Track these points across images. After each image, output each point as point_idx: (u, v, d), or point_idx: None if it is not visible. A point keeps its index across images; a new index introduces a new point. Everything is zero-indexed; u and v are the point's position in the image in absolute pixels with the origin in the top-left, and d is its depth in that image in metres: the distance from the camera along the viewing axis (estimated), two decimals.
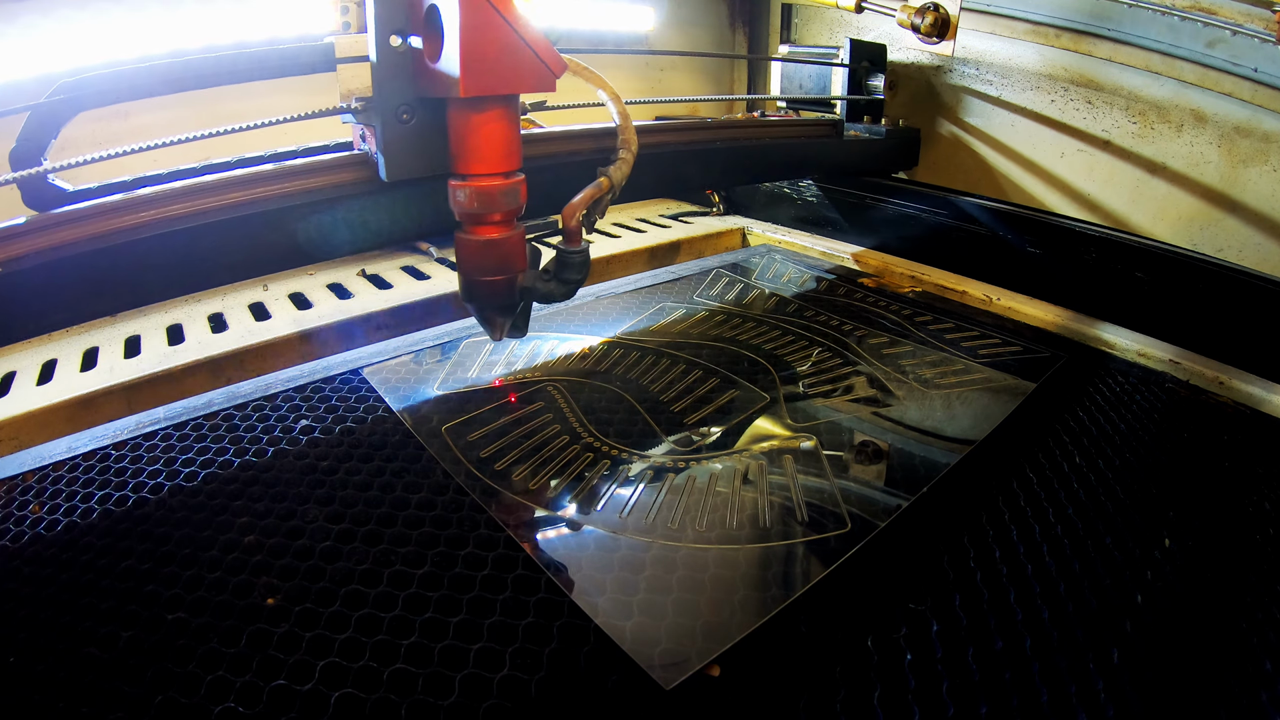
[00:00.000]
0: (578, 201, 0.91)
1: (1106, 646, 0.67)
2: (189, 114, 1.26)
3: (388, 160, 0.88)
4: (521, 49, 0.78)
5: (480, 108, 0.82)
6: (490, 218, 0.87)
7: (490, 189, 0.85)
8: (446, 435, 0.96)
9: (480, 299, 0.93)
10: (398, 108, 0.86)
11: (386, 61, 0.84)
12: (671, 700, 0.60)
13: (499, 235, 0.89)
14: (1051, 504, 0.87)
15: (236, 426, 0.97)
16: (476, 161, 0.84)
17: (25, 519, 0.80)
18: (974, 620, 0.70)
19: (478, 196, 0.85)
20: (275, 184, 0.87)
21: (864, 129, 1.90)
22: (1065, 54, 1.81)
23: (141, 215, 0.79)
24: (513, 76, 0.79)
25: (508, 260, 0.91)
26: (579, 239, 0.93)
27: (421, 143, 0.89)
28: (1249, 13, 1.47)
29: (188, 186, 0.83)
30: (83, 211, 0.77)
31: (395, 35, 0.82)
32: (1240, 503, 0.89)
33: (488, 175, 0.85)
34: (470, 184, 0.85)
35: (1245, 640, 0.68)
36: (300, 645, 0.64)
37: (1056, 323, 1.40)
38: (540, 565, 0.74)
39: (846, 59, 1.91)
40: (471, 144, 0.83)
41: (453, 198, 0.87)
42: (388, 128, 0.86)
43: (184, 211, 0.82)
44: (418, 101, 0.87)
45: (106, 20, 1.37)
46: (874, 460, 0.95)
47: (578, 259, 0.93)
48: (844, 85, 1.94)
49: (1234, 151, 1.61)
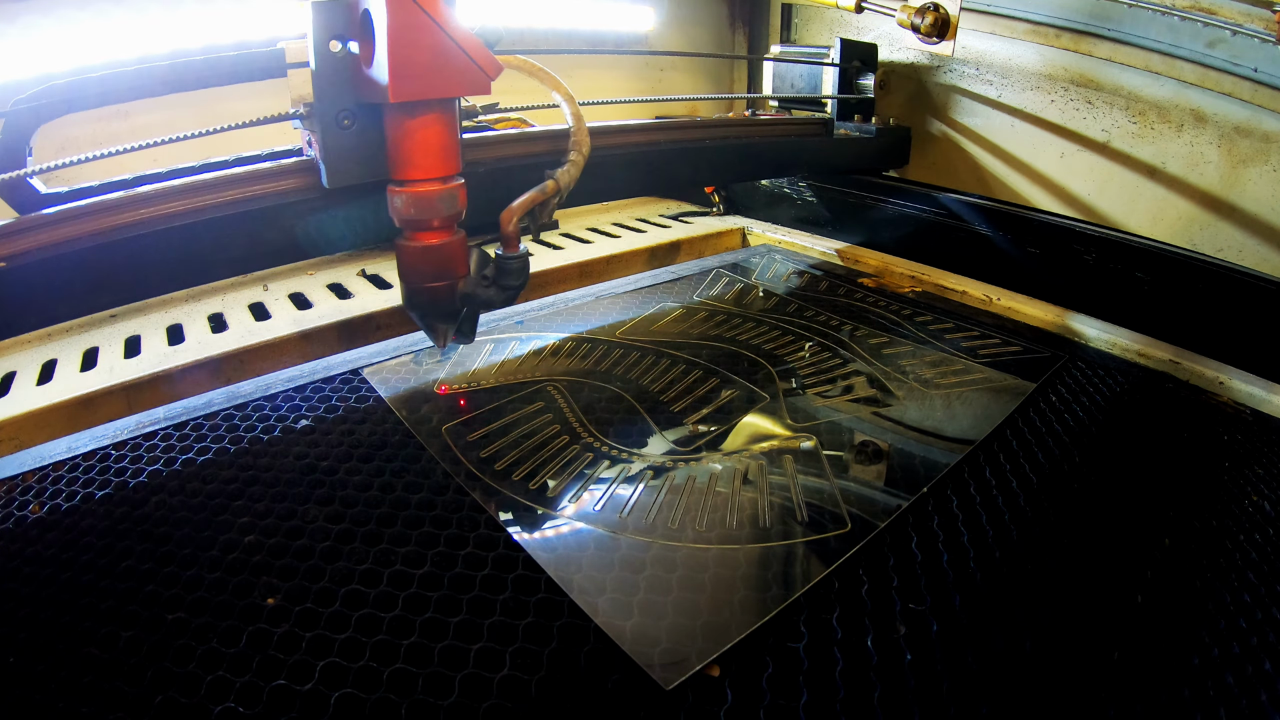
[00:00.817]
0: (517, 205, 0.90)
1: (1107, 647, 0.67)
2: (190, 114, 1.26)
3: (329, 167, 0.86)
4: (453, 51, 0.76)
5: (414, 112, 0.81)
6: (429, 223, 0.86)
7: (428, 194, 0.84)
8: (446, 435, 0.96)
9: (422, 306, 0.92)
10: (338, 113, 0.84)
11: (326, 67, 0.82)
12: (671, 700, 0.60)
13: (438, 241, 0.88)
14: (1051, 504, 0.87)
15: (236, 426, 0.97)
16: (413, 167, 0.83)
17: (25, 519, 0.80)
18: (974, 620, 0.70)
19: (415, 202, 0.84)
20: (220, 192, 0.87)
21: (854, 128, 1.91)
22: (1065, 54, 1.81)
23: (129, 215, 0.80)
24: (444, 80, 0.77)
25: (447, 266, 0.89)
26: (516, 244, 0.92)
27: (362, 149, 0.87)
28: (1249, 13, 1.47)
29: (168, 189, 0.84)
30: (76, 210, 0.77)
31: (335, 40, 0.81)
32: (1240, 503, 0.89)
33: (425, 181, 0.84)
34: (407, 190, 0.84)
35: (1245, 640, 0.68)
36: (300, 645, 0.64)
37: (1056, 323, 1.40)
38: (540, 565, 0.74)
39: (837, 58, 1.91)
40: (407, 149, 0.82)
41: (391, 204, 0.86)
42: (328, 134, 0.85)
43: (171, 210, 0.83)
44: (358, 107, 0.85)
45: (107, 21, 1.37)
46: (874, 460, 0.95)
47: (515, 264, 0.92)
48: (835, 84, 1.95)
49: (1234, 151, 1.61)
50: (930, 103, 2.10)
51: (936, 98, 2.08)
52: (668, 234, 1.93)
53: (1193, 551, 0.80)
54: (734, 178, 1.92)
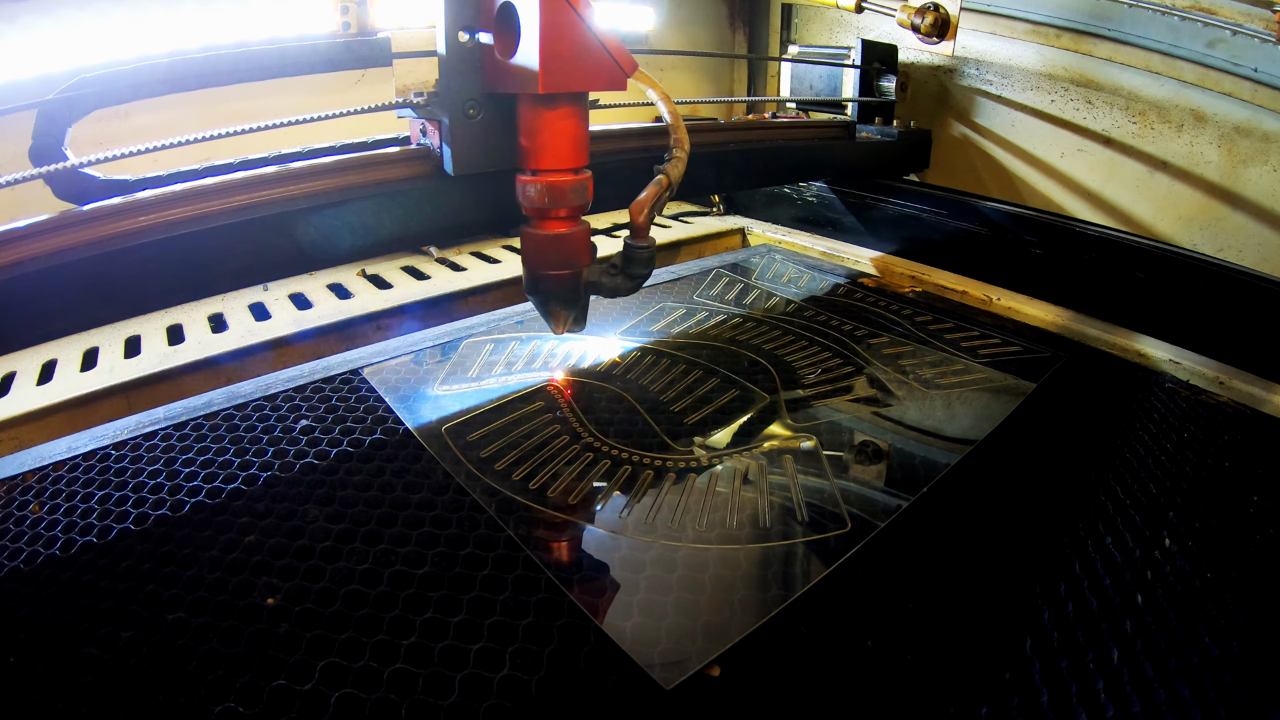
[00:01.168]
0: (644, 199, 0.92)
1: (1106, 646, 0.67)
2: (190, 113, 1.26)
3: (455, 155, 0.89)
4: (596, 47, 0.79)
5: (553, 104, 0.84)
6: (558, 212, 0.89)
7: (560, 184, 0.87)
8: (446, 435, 0.96)
9: (545, 292, 0.94)
10: (465, 103, 0.87)
11: (455, 57, 0.85)
12: (671, 700, 0.60)
13: (566, 230, 0.91)
14: (1051, 503, 0.87)
15: (236, 426, 0.97)
16: (547, 157, 0.86)
17: (25, 519, 0.80)
18: (974, 620, 0.70)
19: (548, 191, 0.87)
20: (333, 178, 0.88)
21: (876, 131, 1.87)
22: (1065, 54, 1.81)
23: (177, 211, 0.78)
24: (587, 74, 0.81)
25: (574, 255, 0.92)
26: (646, 234, 0.94)
27: (487, 138, 0.90)
28: (1249, 13, 1.47)
29: (232, 181, 0.82)
30: (100, 211, 0.76)
31: (463, 31, 0.84)
32: (1240, 503, 0.89)
33: (558, 171, 0.87)
34: (541, 179, 0.87)
35: (1245, 639, 0.68)
36: (300, 645, 0.64)
37: (1056, 323, 1.40)
38: (540, 565, 0.74)
39: (858, 60, 1.87)
40: (543, 140, 0.85)
41: (522, 192, 0.88)
42: (455, 123, 0.87)
43: (231, 206, 0.81)
44: (484, 97, 0.88)
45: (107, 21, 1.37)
46: (874, 460, 0.95)
47: (645, 254, 0.95)
48: (855, 86, 1.90)
49: (1234, 151, 1.61)
50: (949, 105, 2.07)
51: (954, 99, 2.06)
52: (668, 234, 1.93)
53: (1193, 551, 0.80)
54: (758, 182, 1.87)
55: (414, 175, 0.93)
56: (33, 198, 0.83)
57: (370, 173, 0.90)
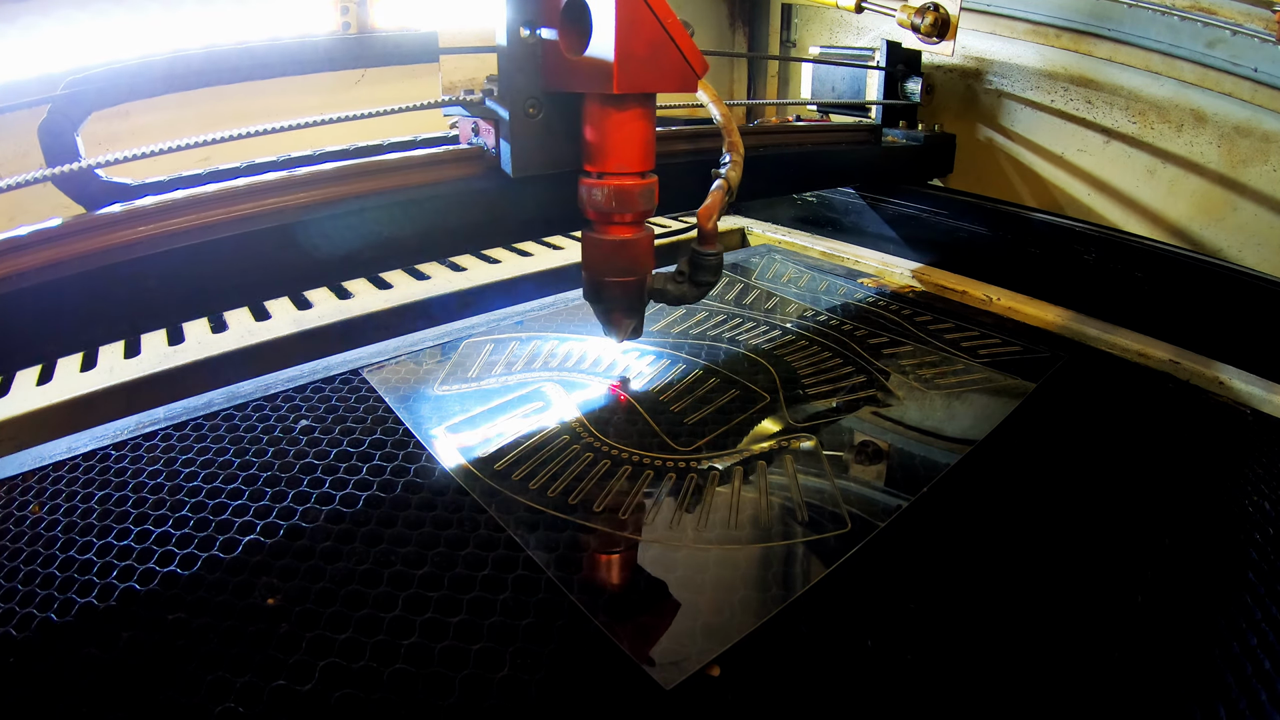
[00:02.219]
0: (711, 204, 0.90)
1: (1106, 646, 0.67)
2: (190, 114, 1.26)
3: (515, 154, 0.86)
4: (669, 47, 0.77)
5: (623, 105, 0.81)
6: (623, 217, 0.87)
7: (629, 188, 0.85)
8: (446, 435, 0.96)
9: (609, 300, 0.93)
10: (525, 101, 0.84)
11: (516, 53, 0.82)
12: (671, 700, 0.60)
13: (632, 235, 0.89)
14: (1051, 504, 0.87)
15: (236, 426, 0.97)
16: (615, 159, 0.84)
17: (25, 519, 0.80)
18: (974, 620, 0.70)
19: (615, 195, 0.85)
20: (381, 179, 0.85)
21: (901, 134, 1.82)
22: (1065, 54, 1.81)
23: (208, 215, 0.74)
24: (660, 74, 0.78)
25: (639, 261, 0.91)
26: (715, 241, 0.92)
27: (548, 138, 0.87)
28: (1249, 13, 1.47)
29: (264, 183, 0.77)
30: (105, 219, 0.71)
31: (525, 27, 0.81)
32: (1240, 503, 0.89)
33: (626, 174, 0.85)
34: (607, 182, 0.85)
35: (1245, 639, 0.68)
36: (300, 645, 0.64)
37: (1056, 323, 1.40)
38: (540, 565, 0.74)
39: (883, 61, 1.81)
40: (612, 141, 0.83)
41: (587, 196, 0.86)
42: (515, 121, 0.84)
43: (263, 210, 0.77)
44: (545, 95, 0.85)
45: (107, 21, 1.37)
46: (874, 460, 0.95)
47: (713, 261, 0.93)
48: (879, 89, 1.83)
49: (1234, 151, 1.61)
50: (974, 107, 2.02)
51: (981, 101, 2.01)
52: (668, 234, 1.93)
53: (1193, 551, 0.80)
54: (788, 189, 1.77)
55: (467, 176, 0.90)
56: (31, 196, 0.81)
57: (420, 174, 0.87)
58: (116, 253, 0.69)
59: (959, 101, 2.05)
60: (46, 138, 0.71)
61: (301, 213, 0.78)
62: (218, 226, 0.73)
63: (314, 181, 0.80)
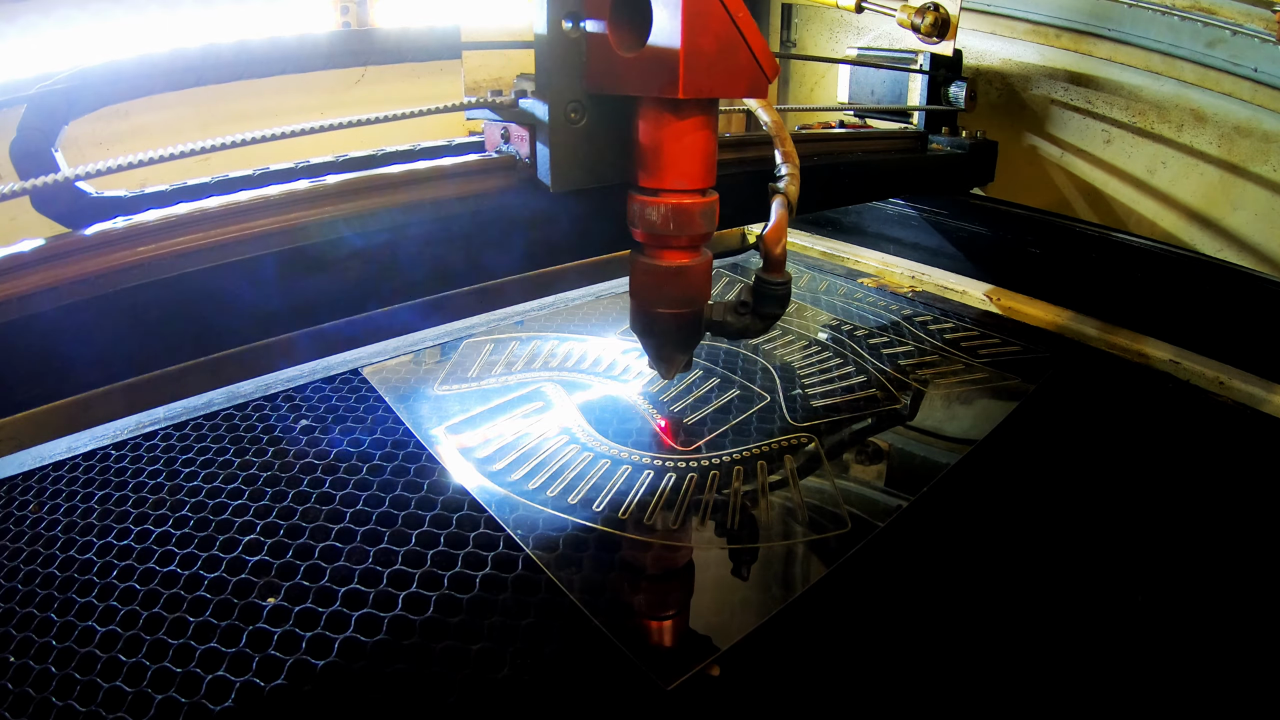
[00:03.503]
0: (778, 226, 0.79)
1: (1107, 646, 0.67)
2: (190, 113, 1.26)
3: (556, 166, 0.73)
4: (740, 45, 0.66)
5: (685, 112, 0.70)
6: (680, 240, 0.75)
7: (688, 207, 0.73)
8: (446, 435, 0.96)
9: (661, 334, 0.80)
10: (567, 104, 0.71)
11: (557, 50, 0.69)
12: (671, 700, 0.60)
13: (690, 261, 0.76)
14: (1051, 503, 0.87)
15: (236, 426, 0.97)
16: (674, 174, 0.72)
17: (25, 519, 0.80)
18: (975, 620, 0.70)
19: (674, 216, 0.73)
20: (405, 191, 0.73)
21: (946, 141, 1.71)
22: (1065, 54, 1.81)
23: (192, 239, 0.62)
24: (730, 77, 0.66)
25: (698, 290, 0.79)
26: (783, 268, 0.81)
27: (590, 148, 0.74)
28: (1249, 13, 1.47)
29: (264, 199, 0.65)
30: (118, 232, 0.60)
31: (568, 20, 0.69)
32: (1240, 503, 0.89)
33: (685, 191, 0.73)
34: (665, 200, 0.73)
35: (1245, 639, 0.68)
36: (300, 645, 0.64)
37: (1056, 323, 1.40)
38: (540, 565, 0.74)
39: (926, 64, 1.70)
40: (671, 153, 0.71)
41: (639, 215, 0.74)
42: (556, 128, 0.72)
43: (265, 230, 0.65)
44: (588, 98, 0.72)
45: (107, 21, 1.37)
46: (874, 460, 0.95)
47: (781, 290, 0.81)
48: (922, 93, 1.73)
49: (1234, 151, 1.61)
50: (1018, 112, 1.93)
51: (1026, 106, 1.92)
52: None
53: (1193, 551, 0.80)
54: (836, 202, 1.58)
55: (499, 189, 0.77)
56: None
57: (446, 186, 0.75)
58: (107, 279, 0.58)
59: (995, 106, 1.97)
60: (21, 144, 0.61)
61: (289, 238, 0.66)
62: (163, 264, 0.61)
63: (316, 198, 0.69)
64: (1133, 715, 0.61)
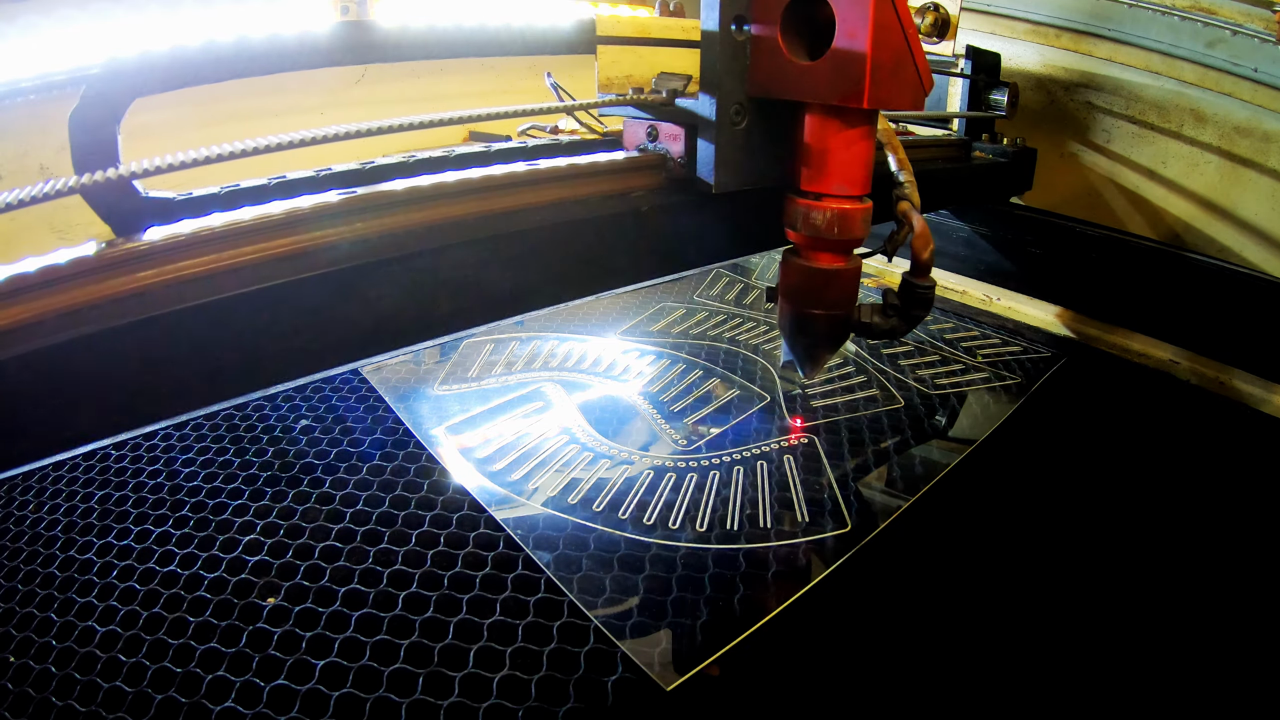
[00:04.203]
0: (922, 231, 0.83)
1: (1107, 646, 0.67)
2: (190, 112, 1.26)
3: (720, 166, 0.75)
4: (909, 60, 0.69)
5: (855, 120, 0.72)
6: (838, 245, 0.79)
7: (851, 213, 0.76)
8: (446, 435, 0.96)
9: (812, 334, 0.84)
10: (730, 107, 0.74)
11: (724, 52, 0.71)
12: (671, 700, 0.60)
13: (845, 264, 0.80)
14: (1051, 503, 0.87)
15: (236, 426, 0.97)
16: (838, 180, 0.75)
17: (25, 519, 0.80)
18: (975, 619, 0.70)
19: (837, 220, 0.76)
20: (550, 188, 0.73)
21: (989, 149, 1.64)
22: (1065, 54, 1.81)
23: None
24: (900, 89, 0.70)
25: (850, 293, 0.82)
26: (929, 272, 0.85)
27: (750, 149, 0.76)
28: (1249, 13, 1.47)
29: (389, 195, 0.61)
30: None
31: (735, 23, 0.72)
32: (1240, 502, 0.89)
33: (848, 197, 0.76)
34: (828, 205, 0.76)
35: (1245, 638, 0.68)
36: (300, 645, 0.64)
37: (1056, 323, 1.40)
38: (540, 565, 0.74)
39: (968, 68, 1.64)
40: (838, 160, 0.74)
41: (801, 218, 0.77)
42: (721, 128, 0.74)
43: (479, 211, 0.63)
44: (750, 102, 0.75)
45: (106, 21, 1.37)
46: (874, 460, 0.95)
47: (927, 294, 0.85)
48: (963, 99, 1.66)
49: (1234, 151, 1.61)
50: (1058, 119, 1.84)
51: (1066, 113, 1.84)
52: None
53: (1193, 551, 0.80)
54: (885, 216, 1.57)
55: (650, 188, 0.78)
56: None
57: (597, 183, 0.75)
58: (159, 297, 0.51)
59: (1031, 113, 1.92)
60: (80, 133, 0.54)
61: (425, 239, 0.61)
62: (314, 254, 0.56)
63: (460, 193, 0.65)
64: (1133, 714, 0.61)
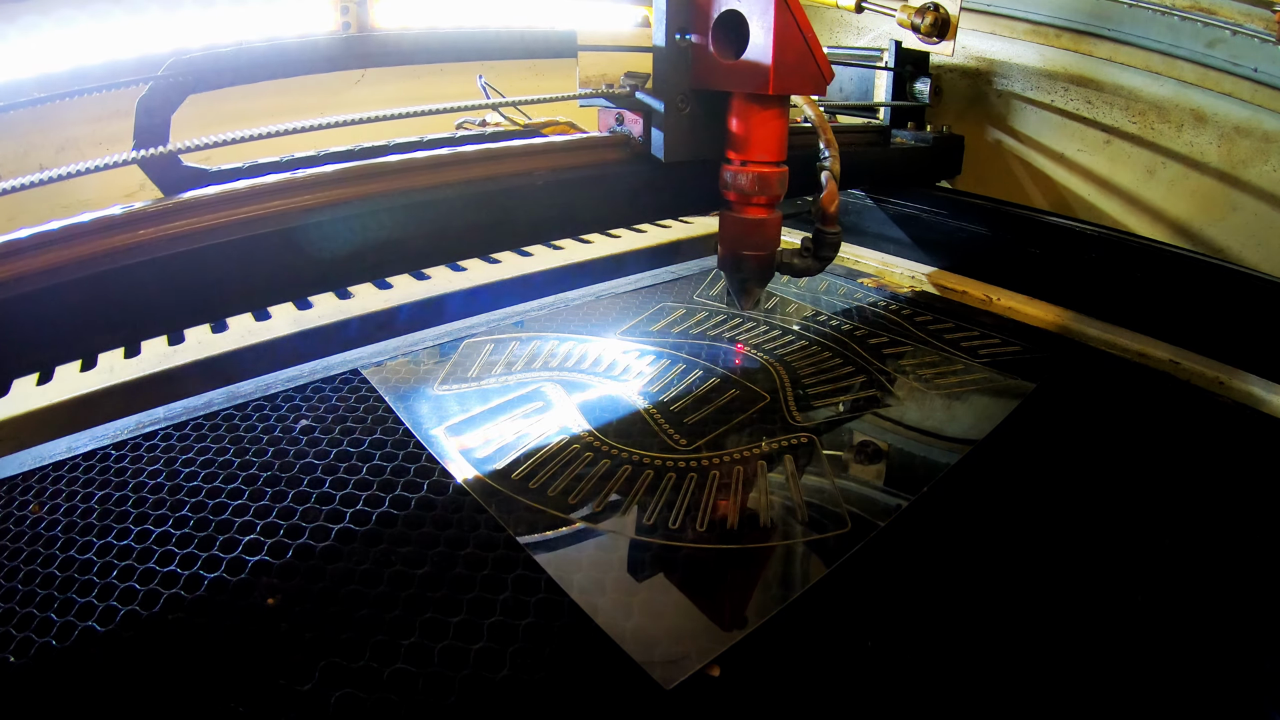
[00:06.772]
0: (832, 191, 1.09)
1: (1108, 648, 0.67)
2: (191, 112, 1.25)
3: (668, 143, 1.00)
4: (809, 56, 0.91)
5: (769, 104, 0.96)
6: (761, 199, 1.02)
7: (769, 175, 1.00)
8: (446, 435, 0.96)
9: (745, 271, 1.08)
10: (677, 96, 0.98)
11: (670, 55, 0.96)
12: (671, 700, 0.60)
13: (767, 215, 1.04)
14: (1051, 504, 0.87)
15: (236, 426, 0.97)
16: (757, 150, 0.99)
17: (25, 519, 0.80)
18: (975, 620, 0.70)
19: (758, 181, 1.00)
20: (539, 158, 0.97)
21: (910, 136, 1.81)
22: (1065, 54, 1.81)
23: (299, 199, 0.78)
24: (803, 79, 0.93)
25: (772, 238, 1.07)
26: (835, 222, 1.10)
27: (692, 129, 1.01)
28: (1249, 13, 1.47)
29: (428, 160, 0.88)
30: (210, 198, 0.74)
31: (679, 33, 0.96)
32: (1240, 503, 0.89)
33: (766, 163, 0.99)
34: (750, 169, 1.00)
35: (1245, 640, 0.68)
36: (300, 645, 0.64)
37: (1056, 323, 1.40)
38: (540, 565, 0.74)
39: (891, 62, 1.80)
40: (757, 135, 0.98)
41: (731, 180, 1.01)
42: (668, 114, 0.99)
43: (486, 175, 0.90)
44: (692, 92, 0.99)
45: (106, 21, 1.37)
46: (874, 460, 0.95)
47: (834, 238, 1.11)
48: (888, 89, 1.82)
49: (1234, 151, 1.61)
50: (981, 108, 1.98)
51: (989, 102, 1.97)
52: (668, 234, 1.93)
53: (1193, 551, 0.80)
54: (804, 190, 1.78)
55: (618, 160, 1.04)
56: None
57: (578, 155, 1.00)
58: (203, 236, 0.72)
59: (961, 102, 2.03)
60: (143, 117, 0.76)
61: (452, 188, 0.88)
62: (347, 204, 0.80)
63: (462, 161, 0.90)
64: (1132, 714, 0.61)
